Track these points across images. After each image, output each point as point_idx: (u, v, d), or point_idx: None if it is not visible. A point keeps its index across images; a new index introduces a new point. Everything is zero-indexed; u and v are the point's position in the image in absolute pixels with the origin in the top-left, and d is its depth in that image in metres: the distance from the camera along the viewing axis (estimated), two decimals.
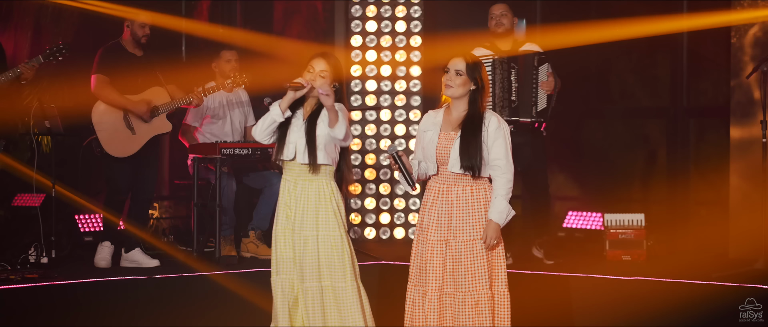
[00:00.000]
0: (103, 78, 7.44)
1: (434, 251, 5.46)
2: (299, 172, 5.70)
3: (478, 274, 5.40)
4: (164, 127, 7.64)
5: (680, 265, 7.57)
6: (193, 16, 9.60)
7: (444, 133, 5.48)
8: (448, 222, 5.47)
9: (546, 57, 7.57)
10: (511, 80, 7.56)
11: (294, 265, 5.70)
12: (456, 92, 5.45)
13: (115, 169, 7.56)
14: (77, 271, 7.25)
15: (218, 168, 7.72)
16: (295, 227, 5.68)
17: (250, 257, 8.05)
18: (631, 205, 9.20)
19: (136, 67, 7.55)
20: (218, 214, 7.72)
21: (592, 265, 7.57)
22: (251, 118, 8.48)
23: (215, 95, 8.19)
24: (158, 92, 7.63)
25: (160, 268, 7.45)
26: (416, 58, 9.40)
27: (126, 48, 7.61)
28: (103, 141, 7.45)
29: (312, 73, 5.66)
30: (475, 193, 5.46)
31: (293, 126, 5.69)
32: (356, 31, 9.41)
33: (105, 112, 7.50)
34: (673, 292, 6.73)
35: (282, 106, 5.62)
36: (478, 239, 5.42)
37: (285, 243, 5.71)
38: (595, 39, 8.18)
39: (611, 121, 9.56)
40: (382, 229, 9.41)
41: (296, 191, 5.69)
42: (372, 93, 9.43)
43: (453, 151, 5.42)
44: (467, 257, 5.41)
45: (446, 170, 5.48)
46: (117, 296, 6.84)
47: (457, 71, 5.42)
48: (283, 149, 5.68)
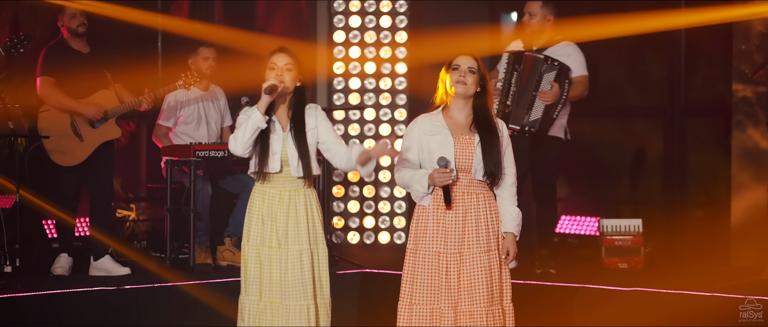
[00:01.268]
0: (49, 80, 7.33)
1: (450, 265, 5.28)
2: (285, 184, 5.53)
3: (493, 289, 5.29)
4: (113, 132, 7.51)
5: (680, 274, 7.57)
6: (173, 13, 9.54)
7: (458, 137, 5.33)
8: (462, 232, 5.30)
9: (560, 66, 7.40)
10: (512, 83, 7.49)
11: (270, 286, 5.51)
12: (470, 90, 5.31)
13: (63, 178, 7.45)
14: (42, 282, 7.11)
15: (193, 171, 7.60)
16: (281, 242, 5.50)
17: (227, 265, 7.94)
18: (625, 208, 9.20)
19: (82, 66, 7.41)
20: (192, 220, 7.61)
21: (587, 274, 7.52)
22: (228, 118, 8.39)
23: (190, 95, 8.09)
24: (106, 95, 7.49)
25: (131, 278, 7.32)
26: (402, 55, 9.33)
27: (70, 45, 7.48)
28: (49, 149, 7.35)
29: (276, 70, 5.49)
30: (487, 201, 5.34)
31: (274, 135, 5.51)
32: (339, 27, 9.38)
33: (52, 117, 7.38)
34: (674, 304, 6.70)
35: (262, 110, 5.41)
36: (493, 250, 5.30)
37: (256, 262, 5.54)
38: (588, 36, 8.08)
39: (603, 120, 9.54)
40: (366, 233, 9.38)
41: (283, 204, 5.51)
42: (355, 91, 9.39)
43: (476, 157, 5.30)
44: (484, 270, 5.27)
45: (463, 177, 5.32)
46: (84, 309, 6.72)
47: (471, 68, 5.30)
48: (267, 161, 5.49)
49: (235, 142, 5.45)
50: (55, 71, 7.33)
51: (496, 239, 5.32)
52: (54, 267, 7.48)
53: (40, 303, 6.64)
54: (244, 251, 5.54)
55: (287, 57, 5.51)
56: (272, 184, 5.53)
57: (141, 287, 7.00)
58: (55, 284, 7.01)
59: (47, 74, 7.32)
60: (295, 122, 5.52)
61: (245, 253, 5.54)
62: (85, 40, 7.49)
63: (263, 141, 5.48)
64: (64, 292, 6.75)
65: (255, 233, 5.53)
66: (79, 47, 7.46)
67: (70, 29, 7.42)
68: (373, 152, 5.36)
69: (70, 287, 6.86)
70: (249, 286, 5.53)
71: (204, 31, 9.07)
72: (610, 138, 9.47)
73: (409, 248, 5.36)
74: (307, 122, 5.52)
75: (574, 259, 8.33)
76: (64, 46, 7.44)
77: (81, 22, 7.41)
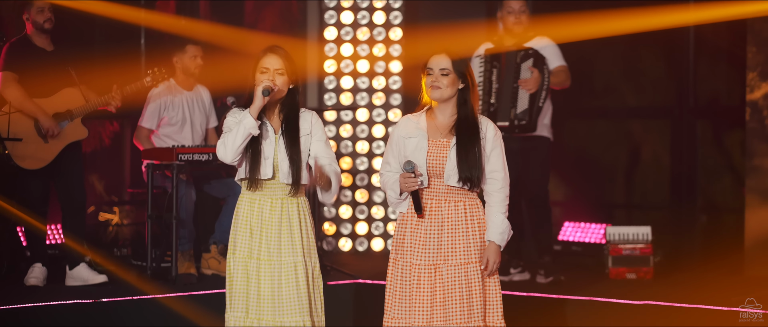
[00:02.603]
0: (10, 75, 7.14)
1: (422, 278, 5.05)
2: (276, 191, 5.29)
3: (473, 304, 5.03)
4: (79, 133, 7.32)
5: (693, 286, 7.39)
6: (158, 8, 9.44)
7: (433, 140, 5.11)
8: (438, 243, 5.08)
9: (535, 52, 7.36)
10: (492, 80, 7.42)
11: (258, 302, 5.26)
12: (445, 94, 5.08)
13: (28, 182, 7.25)
14: (14, 294, 6.89)
15: (175, 175, 7.43)
16: (272, 254, 5.25)
17: (212, 275, 7.79)
18: (631, 213, 9.21)
19: (46, 64, 7.24)
20: (175, 227, 7.42)
21: (594, 286, 7.39)
22: (214, 119, 8.26)
23: (173, 94, 7.95)
24: (71, 94, 7.31)
25: (108, 290, 7.09)
26: (396, 53, 9.27)
27: (33, 42, 7.30)
28: (12, 151, 7.13)
29: (268, 74, 5.26)
30: (469, 209, 5.10)
31: (266, 139, 5.27)
32: (331, 23, 9.30)
33: (13, 119, 7.17)
34: (689, 319, 6.57)
35: (255, 115, 5.17)
36: (473, 263, 5.05)
37: (243, 275, 5.28)
38: (590, 33, 8.08)
39: (603, 121, 9.57)
40: (359, 239, 9.28)
41: (275, 213, 5.27)
42: (348, 91, 9.30)
43: (449, 161, 5.05)
44: (461, 284, 5.02)
45: (438, 183, 5.09)
46: (57, 324, 6.53)
47: (443, 70, 5.07)
48: (258, 167, 5.25)
49: (225, 149, 5.20)
50: (18, 68, 7.14)
51: (478, 251, 5.07)
52: (27, 277, 7.27)
53: (8, 318, 6.40)
54: (229, 264, 5.29)
55: (279, 60, 5.27)
56: (263, 191, 5.29)
57: (118, 300, 6.79)
58: (26, 296, 6.81)
59: (9, 69, 7.15)
60: (288, 126, 5.30)
61: (231, 266, 5.29)
62: (50, 38, 7.30)
63: (254, 146, 5.25)
64: (37, 305, 6.55)
65: (242, 244, 5.27)
66: (42, 44, 7.28)
67: (36, 24, 7.23)
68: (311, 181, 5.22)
69: (43, 300, 6.67)
70: (234, 302, 5.27)
71: (189, 28, 8.91)
72: (612, 140, 9.53)
73: (391, 258, 5.19)
74: (302, 127, 5.30)
75: (578, 269, 8.23)
76: (27, 43, 7.26)
77: (48, 17, 7.23)
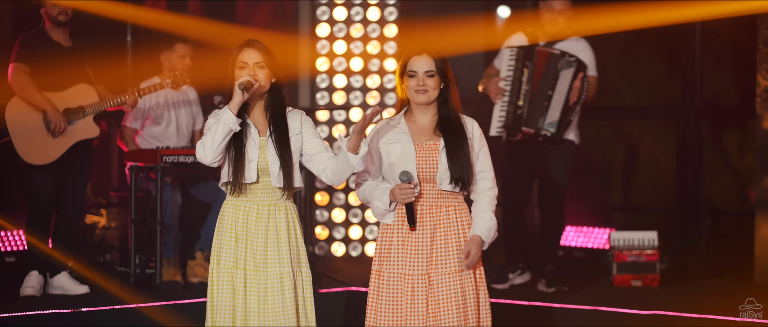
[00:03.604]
0: (22, 67, 7.04)
1: (416, 288, 4.93)
2: (263, 197, 5.08)
3: (468, 312, 4.96)
4: (91, 131, 7.20)
5: (701, 294, 7.34)
6: (146, 4, 9.37)
7: (419, 143, 5.00)
8: (431, 251, 4.97)
9: (578, 61, 7.10)
10: (523, 81, 7.18)
11: (245, 313, 5.06)
12: (432, 96, 4.99)
13: (36, 178, 7.10)
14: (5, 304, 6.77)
15: (159, 178, 7.29)
16: (259, 264, 5.05)
17: (198, 282, 7.59)
18: (636, 216, 9.18)
19: (61, 59, 7.15)
20: (159, 233, 7.27)
21: (597, 294, 7.28)
22: (200, 119, 8.12)
23: (158, 93, 7.81)
24: (85, 90, 7.21)
25: (90, 299, 6.95)
26: (391, 51, 9.15)
27: (50, 36, 7.22)
28: (18, 145, 7.02)
29: (247, 69, 5.06)
30: (459, 215, 5.01)
31: (250, 140, 5.07)
32: (323, 20, 9.16)
33: (21, 110, 7.08)
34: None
35: (234, 110, 4.96)
36: (466, 270, 4.96)
37: (229, 287, 5.06)
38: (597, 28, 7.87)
39: (604, 121, 9.47)
40: (352, 244, 9.13)
41: (261, 220, 5.07)
42: (341, 90, 9.16)
43: (440, 164, 4.95)
44: (456, 292, 4.93)
45: (428, 188, 4.97)
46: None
47: (428, 72, 4.98)
48: (242, 170, 5.04)
49: (204, 149, 4.97)
50: (30, 60, 7.08)
51: None
52: (23, 287, 7.10)
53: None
54: (213, 275, 5.06)
55: (258, 53, 5.08)
56: (248, 196, 5.07)
57: (100, 310, 6.62)
58: (3, 305, 6.62)
59: (22, 61, 7.08)
60: (276, 125, 5.09)
61: (214, 277, 5.05)
62: (68, 32, 7.24)
63: (237, 147, 5.03)
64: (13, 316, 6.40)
65: (227, 254, 5.05)
66: (59, 39, 7.20)
67: (50, 17, 7.17)
68: (360, 124, 4.87)
69: (19, 311, 6.52)
70: (218, 315, 5.04)
71: (177, 24, 8.79)
72: (614, 140, 9.50)
73: (374, 270, 5.03)
74: (291, 126, 5.10)
75: (580, 275, 8.10)
76: (43, 36, 7.20)
77: (61, 10, 7.16)
